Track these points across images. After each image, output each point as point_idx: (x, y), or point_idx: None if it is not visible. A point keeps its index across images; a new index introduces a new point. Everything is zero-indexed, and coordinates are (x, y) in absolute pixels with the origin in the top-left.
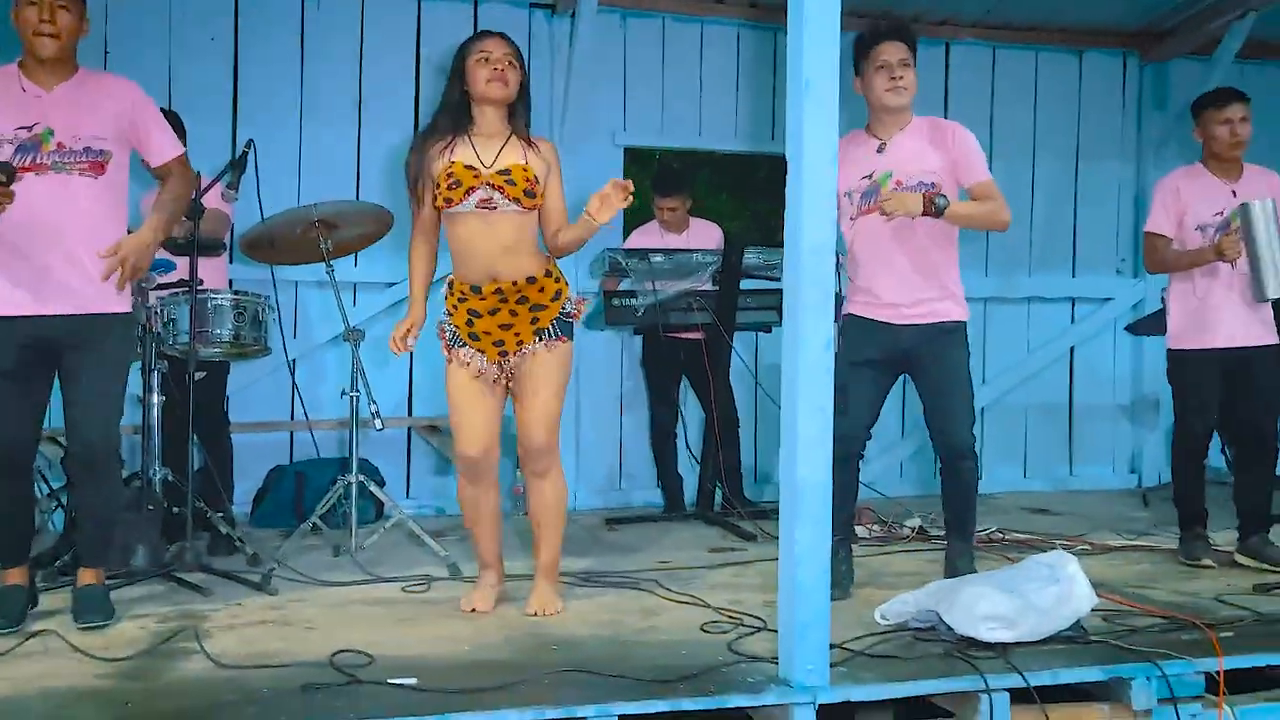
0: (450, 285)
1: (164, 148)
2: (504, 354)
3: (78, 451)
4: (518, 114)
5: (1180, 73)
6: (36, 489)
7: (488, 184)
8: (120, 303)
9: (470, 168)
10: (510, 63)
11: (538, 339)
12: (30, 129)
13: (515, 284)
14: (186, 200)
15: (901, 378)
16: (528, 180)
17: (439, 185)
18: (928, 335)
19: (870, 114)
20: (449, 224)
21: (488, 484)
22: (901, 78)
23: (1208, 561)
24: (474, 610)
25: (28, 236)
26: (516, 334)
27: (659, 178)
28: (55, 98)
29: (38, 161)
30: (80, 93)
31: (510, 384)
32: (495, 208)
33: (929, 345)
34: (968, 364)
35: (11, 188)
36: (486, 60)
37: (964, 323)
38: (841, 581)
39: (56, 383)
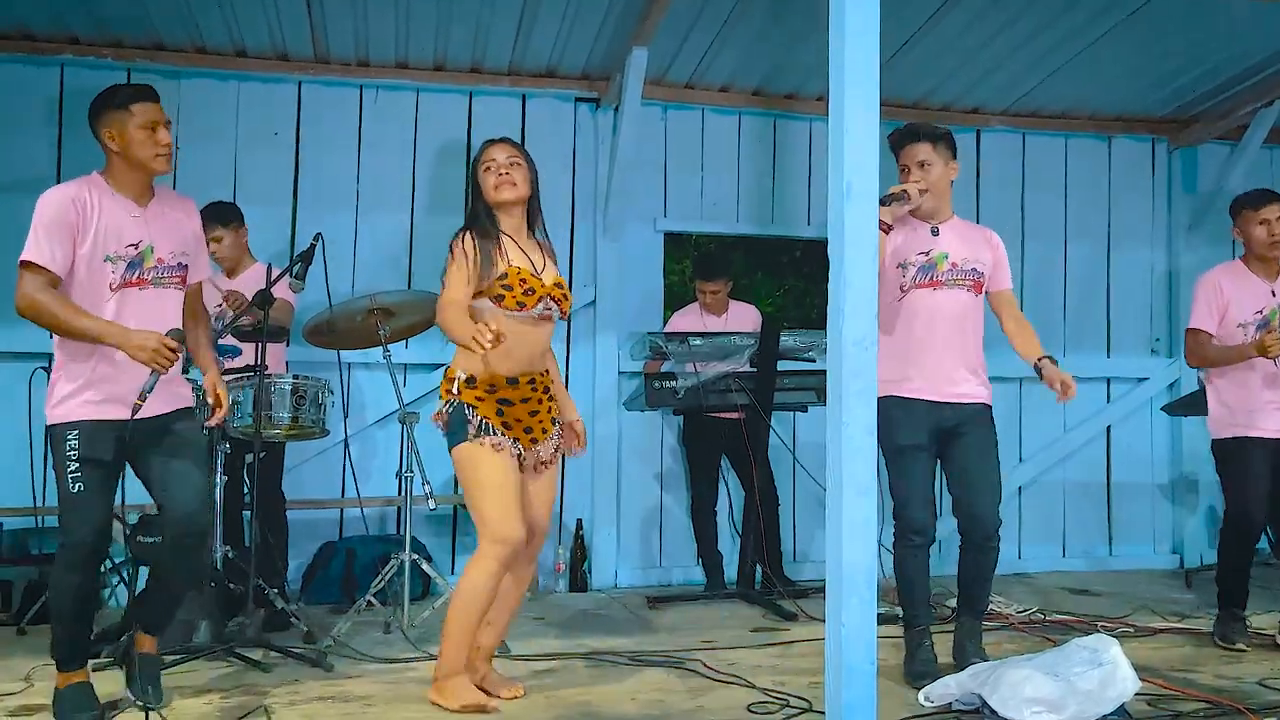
0: (470, 380)
1: (204, 268)
2: (533, 440)
3: (178, 528)
4: (535, 215)
5: (1209, 157)
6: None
7: (550, 295)
8: (184, 397)
9: (535, 275)
10: (515, 163)
11: (554, 426)
12: (136, 246)
13: (541, 374)
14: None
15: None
16: (566, 296)
17: (510, 287)
18: (965, 415)
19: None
20: (500, 322)
21: (512, 568)
22: (920, 180)
23: (1241, 645)
24: (491, 712)
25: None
26: (541, 422)
27: (702, 262)
28: (149, 215)
29: (141, 277)
30: (165, 210)
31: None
32: (552, 319)
33: (966, 424)
34: (996, 446)
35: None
36: (490, 169)
37: (991, 406)
38: (930, 670)
39: None
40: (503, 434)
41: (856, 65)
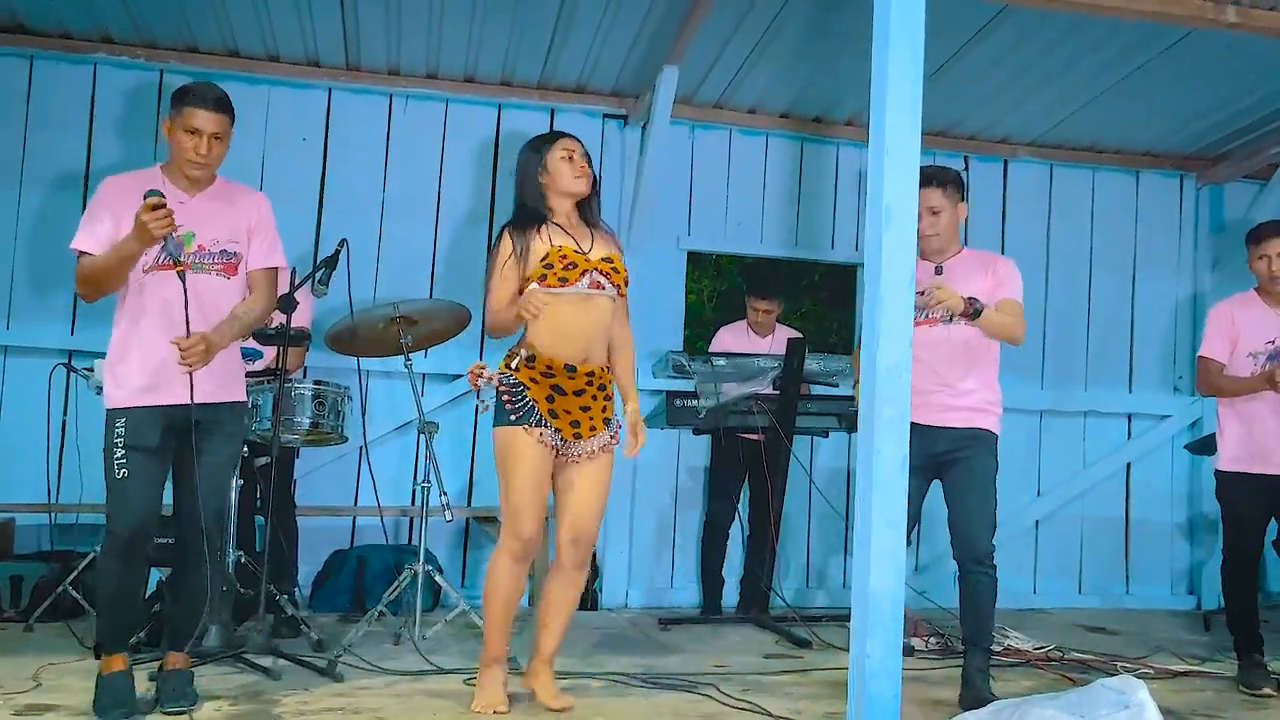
0: (531, 358)
1: (262, 255)
2: (577, 435)
3: (191, 534)
4: (592, 206)
5: (1237, 195)
6: None
7: (595, 269)
8: (240, 391)
9: (579, 252)
10: (589, 159)
11: (606, 427)
12: (175, 231)
13: (603, 369)
14: (262, 319)
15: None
16: (618, 270)
17: (551, 265)
18: (961, 439)
19: (920, 241)
20: (549, 303)
21: (527, 565)
22: (930, 225)
23: (1268, 690)
24: (496, 713)
25: (168, 331)
26: (591, 419)
27: (758, 280)
28: (196, 203)
29: (181, 261)
30: (218, 201)
31: (558, 469)
32: (604, 290)
33: (961, 450)
34: (995, 475)
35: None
36: (571, 159)
37: (996, 435)
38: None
39: None
40: (546, 421)
41: (899, 87)
